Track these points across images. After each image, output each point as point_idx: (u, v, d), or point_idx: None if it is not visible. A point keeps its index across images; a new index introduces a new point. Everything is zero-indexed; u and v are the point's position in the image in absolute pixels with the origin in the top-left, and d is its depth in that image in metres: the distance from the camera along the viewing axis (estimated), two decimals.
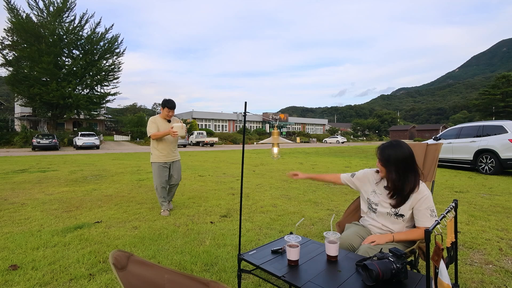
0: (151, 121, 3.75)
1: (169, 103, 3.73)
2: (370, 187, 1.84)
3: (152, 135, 3.69)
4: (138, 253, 2.62)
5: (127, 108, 75.05)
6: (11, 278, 2.12)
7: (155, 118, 3.79)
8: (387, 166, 1.66)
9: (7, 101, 46.80)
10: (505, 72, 64.50)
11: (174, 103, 3.76)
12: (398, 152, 1.63)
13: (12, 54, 26.51)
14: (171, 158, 3.84)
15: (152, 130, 3.70)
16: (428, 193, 1.64)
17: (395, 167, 1.63)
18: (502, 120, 8.28)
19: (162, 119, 3.80)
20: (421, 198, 1.63)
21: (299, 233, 3.11)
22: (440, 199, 4.77)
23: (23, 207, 4.24)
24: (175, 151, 3.92)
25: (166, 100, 3.75)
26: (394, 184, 1.65)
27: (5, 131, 25.97)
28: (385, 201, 1.75)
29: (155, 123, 3.73)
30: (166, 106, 3.72)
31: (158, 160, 3.75)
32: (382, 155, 1.68)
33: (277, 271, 1.42)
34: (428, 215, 1.60)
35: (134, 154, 16.83)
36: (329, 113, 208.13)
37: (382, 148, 1.70)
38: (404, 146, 1.66)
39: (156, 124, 3.73)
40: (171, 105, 3.74)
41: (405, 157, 1.62)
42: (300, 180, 6.76)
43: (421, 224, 1.62)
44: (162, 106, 3.78)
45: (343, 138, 47.09)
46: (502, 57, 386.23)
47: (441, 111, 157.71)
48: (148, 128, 3.73)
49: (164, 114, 3.76)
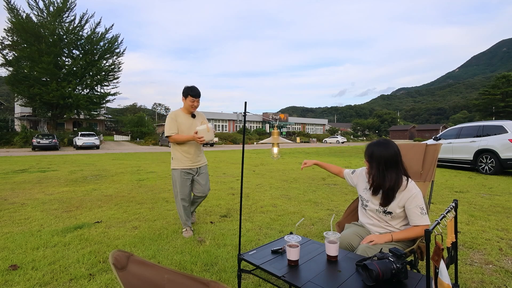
0: (170, 118, 2.96)
1: (193, 90, 2.91)
2: (363, 184, 1.90)
3: (171, 138, 2.92)
4: (138, 253, 2.62)
5: (127, 108, 75.09)
6: (11, 278, 2.12)
7: (176, 114, 2.99)
8: (370, 162, 1.74)
9: (7, 101, 46.82)
10: (505, 72, 64.52)
11: (199, 90, 2.95)
12: (381, 150, 1.70)
13: (12, 54, 26.50)
14: (197, 162, 3.06)
15: (172, 131, 2.92)
16: (416, 191, 1.68)
17: (376, 163, 1.70)
18: (502, 120, 8.28)
19: (184, 113, 3.01)
20: (410, 197, 1.66)
21: (299, 233, 3.11)
22: (440, 199, 4.77)
23: (23, 207, 4.24)
24: (201, 154, 3.14)
25: (189, 87, 2.93)
26: (373, 179, 1.72)
27: (5, 131, 25.97)
28: (374, 199, 1.79)
29: (175, 120, 2.95)
30: (189, 95, 2.90)
31: (180, 166, 2.97)
32: (366, 151, 1.77)
33: (277, 271, 1.42)
34: (418, 213, 1.64)
35: (134, 154, 16.83)
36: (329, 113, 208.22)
37: (368, 145, 1.79)
38: (390, 145, 1.72)
39: (177, 122, 2.95)
40: (195, 92, 2.91)
41: (388, 155, 1.68)
42: (300, 180, 6.77)
43: (413, 223, 1.67)
44: (184, 95, 2.94)
45: (343, 138, 47.08)
46: (502, 57, 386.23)
47: (441, 111, 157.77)
48: (167, 127, 2.95)
49: (188, 105, 2.95)
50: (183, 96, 2.97)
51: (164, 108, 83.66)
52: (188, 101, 2.93)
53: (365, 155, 1.79)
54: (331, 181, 6.70)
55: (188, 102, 2.93)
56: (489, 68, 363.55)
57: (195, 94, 2.92)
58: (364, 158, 1.81)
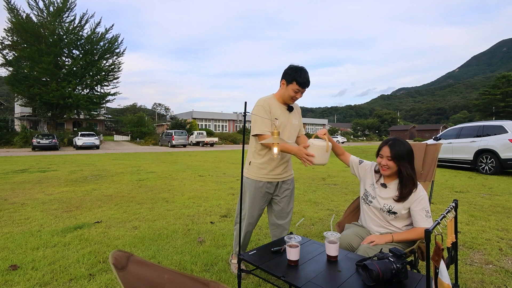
0: (260, 107, 2.00)
1: (302, 75, 1.93)
2: (370, 179, 1.88)
3: (261, 138, 1.98)
4: (138, 253, 2.62)
5: (127, 108, 75.04)
6: (11, 278, 2.12)
7: (269, 101, 2.03)
8: (401, 162, 1.68)
9: (7, 101, 46.80)
10: (505, 72, 64.55)
11: (309, 77, 1.97)
12: (407, 147, 1.71)
13: (12, 54, 26.48)
14: (283, 174, 2.13)
15: (263, 127, 1.97)
16: (424, 194, 1.70)
17: (408, 162, 1.69)
18: (502, 120, 8.29)
19: (279, 103, 2.06)
20: (417, 199, 1.68)
21: (299, 233, 3.11)
22: (440, 199, 4.77)
23: (23, 207, 4.24)
24: (289, 163, 2.20)
25: (297, 68, 1.94)
26: (412, 179, 1.69)
27: (5, 131, 25.94)
28: (380, 197, 1.79)
29: (268, 110, 1.99)
30: (295, 80, 1.93)
31: (259, 176, 2.07)
32: (395, 152, 1.68)
33: (277, 271, 1.42)
34: (424, 216, 1.65)
35: (134, 154, 16.82)
36: (329, 113, 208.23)
37: (391, 145, 1.71)
38: (405, 141, 1.76)
39: (270, 113, 2.00)
40: (305, 79, 1.94)
41: (411, 150, 1.72)
42: (300, 180, 6.77)
43: (417, 225, 1.67)
44: (287, 78, 1.96)
45: (343, 138, 47.08)
46: (502, 57, 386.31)
47: (441, 111, 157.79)
48: (254, 124, 2.01)
49: (288, 94, 1.98)
50: (283, 79, 2.00)
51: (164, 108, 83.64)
52: (292, 88, 1.95)
53: (391, 157, 1.68)
54: (331, 181, 6.70)
55: (290, 90, 1.96)
56: (489, 68, 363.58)
57: (304, 82, 1.94)
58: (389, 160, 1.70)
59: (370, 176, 1.89)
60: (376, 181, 1.84)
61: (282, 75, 2.01)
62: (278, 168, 2.09)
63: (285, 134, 2.06)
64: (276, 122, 1.92)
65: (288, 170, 2.17)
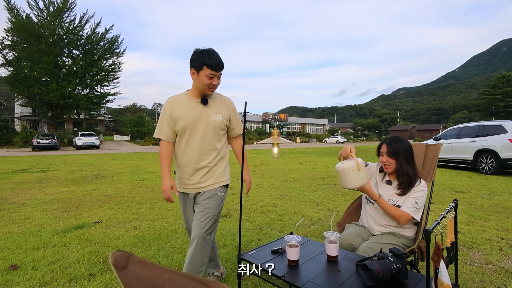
0: (163, 108, 1.85)
1: (212, 56, 1.67)
2: (374, 179, 1.92)
3: (161, 142, 1.85)
4: (138, 253, 2.62)
5: (127, 108, 75.01)
6: (11, 278, 2.12)
7: (174, 99, 1.82)
8: (397, 157, 1.77)
9: (7, 101, 46.81)
10: (505, 72, 64.56)
11: (221, 59, 1.71)
12: (405, 144, 1.79)
13: (12, 54, 26.50)
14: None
15: (158, 130, 1.83)
16: (424, 189, 1.76)
17: (404, 157, 1.77)
18: (502, 120, 8.29)
19: (193, 98, 1.80)
20: (416, 190, 1.74)
21: (299, 233, 3.11)
22: (440, 199, 4.77)
23: (23, 207, 4.24)
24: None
25: (203, 51, 1.68)
26: (408, 173, 1.76)
27: (5, 131, 25.97)
28: (385, 194, 1.82)
29: (169, 111, 1.79)
30: (205, 64, 1.66)
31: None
32: (392, 148, 1.78)
33: (277, 271, 1.42)
34: (411, 203, 1.71)
35: (134, 154, 16.82)
36: (329, 113, 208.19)
37: (388, 142, 1.81)
38: (403, 139, 1.84)
39: (173, 113, 1.79)
40: (215, 61, 1.68)
41: (410, 147, 1.81)
42: (300, 180, 6.77)
43: (403, 208, 1.73)
44: (195, 66, 1.70)
45: (343, 138, 47.10)
46: (502, 57, 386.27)
47: (441, 111, 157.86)
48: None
49: (204, 80, 1.70)
50: (191, 68, 1.73)
51: None
52: (204, 77, 1.69)
53: (388, 153, 1.78)
54: (331, 181, 6.70)
55: (203, 78, 1.69)
56: (489, 68, 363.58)
57: (215, 64, 1.68)
58: (388, 157, 1.79)
59: (375, 176, 1.93)
60: (381, 180, 1.89)
61: (190, 64, 1.73)
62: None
63: (197, 132, 1.80)
64: (180, 122, 1.76)
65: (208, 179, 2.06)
